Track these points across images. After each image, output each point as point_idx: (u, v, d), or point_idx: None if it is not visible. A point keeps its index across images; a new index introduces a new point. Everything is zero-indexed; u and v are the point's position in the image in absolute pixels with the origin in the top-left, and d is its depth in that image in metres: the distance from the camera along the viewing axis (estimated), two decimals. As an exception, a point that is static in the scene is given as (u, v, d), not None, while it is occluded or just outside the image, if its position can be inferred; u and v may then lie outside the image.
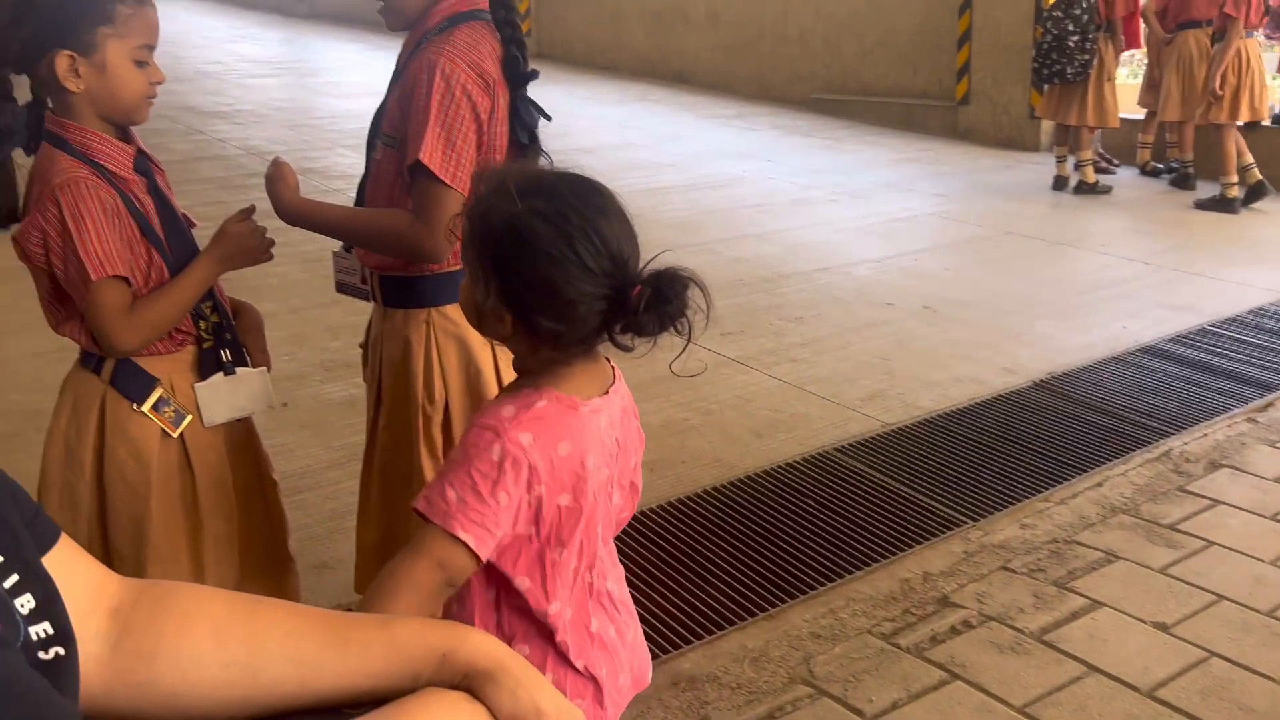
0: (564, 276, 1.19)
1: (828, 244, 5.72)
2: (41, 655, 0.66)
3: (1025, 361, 4.12)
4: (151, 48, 1.73)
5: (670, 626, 2.49)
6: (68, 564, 0.78)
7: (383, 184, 1.95)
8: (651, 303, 1.20)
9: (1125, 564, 2.74)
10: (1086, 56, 6.56)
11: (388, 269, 1.96)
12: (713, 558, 2.77)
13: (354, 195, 2.09)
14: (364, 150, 2.05)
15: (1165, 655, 2.38)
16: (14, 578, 0.66)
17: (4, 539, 0.66)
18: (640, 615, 2.47)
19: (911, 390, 3.86)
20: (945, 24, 8.85)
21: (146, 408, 1.77)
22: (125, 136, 1.78)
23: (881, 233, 5.96)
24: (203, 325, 1.82)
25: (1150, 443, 3.42)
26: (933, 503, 3.06)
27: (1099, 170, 7.15)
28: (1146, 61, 7.59)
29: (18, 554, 0.67)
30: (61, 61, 1.64)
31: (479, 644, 0.85)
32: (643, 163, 7.61)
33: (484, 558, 1.22)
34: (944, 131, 8.85)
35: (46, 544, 0.77)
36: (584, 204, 1.22)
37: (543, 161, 1.96)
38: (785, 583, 2.67)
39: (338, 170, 6.89)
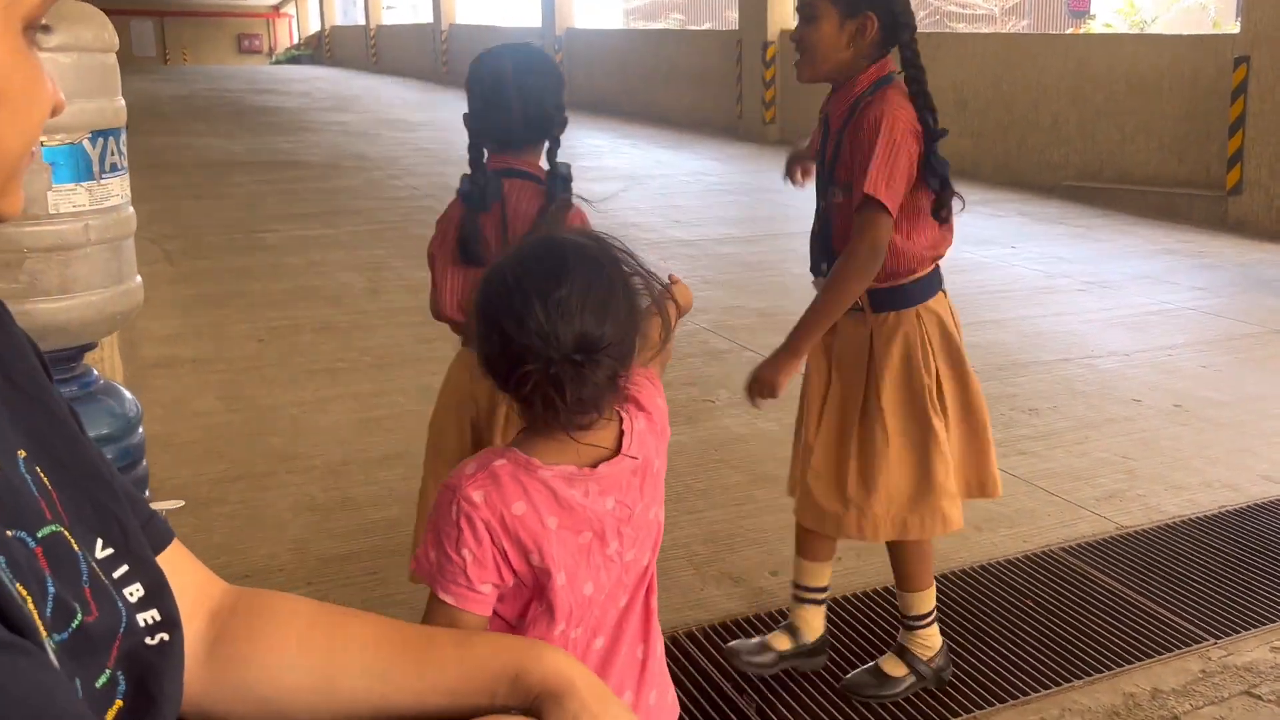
0: (490, 343, 1.20)
1: (1071, 334, 5.43)
2: (148, 640, 0.70)
3: (1290, 470, 3.74)
4: None
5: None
6: (177, 566, 0.82)
7: (843, 223, 2.27)
8: (541, 387, 1.17)
9: (1399, 704, 2.41)
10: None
11: (877, 283, 2.26)
12: (917, 650, 2.64)
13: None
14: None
15: None
16: (124, 568, 0.71)
17: (114, 534, 0.71)
18: (837, 706, 2.41)
19: (1154, 493, 3.58)
20: (1215, 109, 8.32)
21: None
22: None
23: (1132, 325, 5.60)
24: None
25: None
26: (1169, 614, 2.80)
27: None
28: None
29: (127, 547, 0.72)
30: None
31: (552, 664, 0.84)
32: (878, 247, 7.51)
33: (476, 611, 1.23)
34: (1210, 223, 8.27)
35: (161, 545, 0.82)
36: (531, 272, 1.20)
37: (956, 204, 2.28)
38: (995, 685, 2.51)
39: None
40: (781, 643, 2.52)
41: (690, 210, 9.00)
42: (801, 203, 2.67)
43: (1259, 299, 6.16)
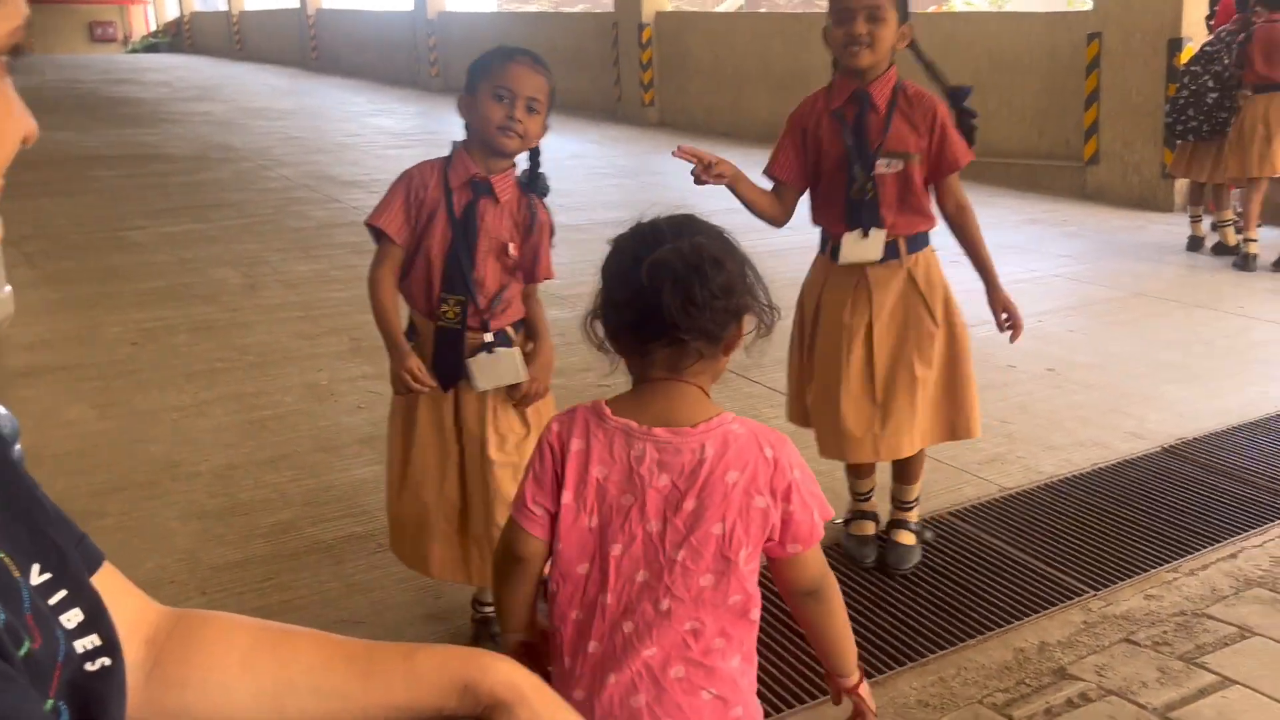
0: (622, 271, 1.42)
1: (947, 306, 5.61)
2: (89, 667, 0.68)
3: (1154, 426, 3.95)
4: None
5: (772, 689, 2.45)
6: (109, 590, 0.79)
7: (898, 189, 2.77)
8: (674, 276, 1.34)
9: (1261, 640, 2.58)
10: (1225, 114, 6.33)
11: (917, 229, 2.84)
12: (818, 620, 2.71)
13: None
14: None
15: (1305, 740, 2.22)
16: (61, 593, 0.68)
17: (51, 558, 0.69)
18: (765, 671, 2.45)
19: (1032, 454, 3.74)
20: (1072, 84, 8.68)
21: None
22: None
23: (1004, 294, 5.81)
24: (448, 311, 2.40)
25: (1291, 513, 3.23)
26: (1051, 570, 2.94)
27: (1239, 230, 6.85)
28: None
29: (64, 571, 0.70)
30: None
31: (501, 674, 0.84)
32: (761, 225, 7.62)
33: (528, 528, 1.38)
34: (1071, 193, 8.64)
35: (93, 567, 0.79)
36: (666, 219, 1.43)
37: None
38: (893, 649, 2.60)
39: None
40: (868, 528, 3.08)
41: (575, 195, 8.96)
42: (686, 183, 2.71)
43: (1119, 264, 6.47)
